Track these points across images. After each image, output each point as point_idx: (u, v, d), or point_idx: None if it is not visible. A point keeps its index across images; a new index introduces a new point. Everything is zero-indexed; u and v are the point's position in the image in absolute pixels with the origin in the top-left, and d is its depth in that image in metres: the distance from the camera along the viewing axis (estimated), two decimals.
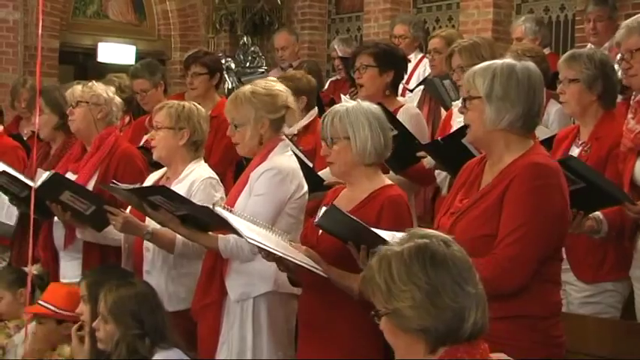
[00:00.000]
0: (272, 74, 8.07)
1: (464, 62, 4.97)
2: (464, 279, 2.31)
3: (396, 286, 2.29)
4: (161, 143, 4.49)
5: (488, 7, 8.84)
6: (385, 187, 3.73)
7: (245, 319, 4.06)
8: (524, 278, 3.14)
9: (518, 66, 3.27)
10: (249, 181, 4.06)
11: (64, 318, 4.42)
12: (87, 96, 4.90)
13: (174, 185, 4.43)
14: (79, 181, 4.77)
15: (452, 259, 2.33)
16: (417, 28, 7.96)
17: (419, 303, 2.27)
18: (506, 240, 3.13)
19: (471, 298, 2.31)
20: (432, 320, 2.27)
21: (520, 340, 3.12)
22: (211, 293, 4.12)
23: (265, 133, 4.11)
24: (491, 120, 3.23)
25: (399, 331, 2.32)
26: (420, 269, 2.29)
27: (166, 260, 4.42)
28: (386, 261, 2.33)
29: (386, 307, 2.31)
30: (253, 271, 4.01)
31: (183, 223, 4.07)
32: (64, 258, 4.91)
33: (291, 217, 4.07)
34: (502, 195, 3.17)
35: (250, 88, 4.17)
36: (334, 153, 3.74)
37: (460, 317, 2.28)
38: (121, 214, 4.30)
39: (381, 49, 5.14)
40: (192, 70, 6.07)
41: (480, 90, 3.24)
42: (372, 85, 5.06)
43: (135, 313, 3.86)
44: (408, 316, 2.28)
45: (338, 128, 3.72)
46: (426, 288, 2.27)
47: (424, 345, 2.31)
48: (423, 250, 2.32)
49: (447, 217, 3.33)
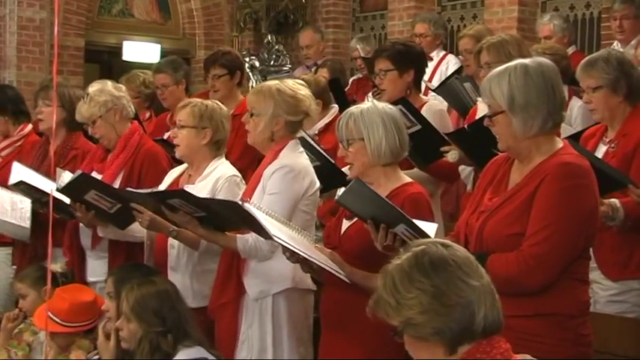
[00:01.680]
0: (296, 73, 8.09)
1: (491, 59, 4.92)
2: (466, 273, 2.33)
3: (401, 296, 2.31)
4: (184, 142, 4.50)
5: (513, 5, 8.79)
6: (405, 185, 3.74)
7: (264, 316, 4.08)
8: (549, 277, 3.14)
9: (530, 66, 3.24)
10: (262, 179, 4.08)
11: (68, 331, 4.45)
12: (96, 111, 4.89)
13: (197, 183, 4.45)
14: (105, 181, 4.78)
15: (451, 258, 2.35)
16: (438, 25, 7.91)
17: (427, 306, 2.29)
18: (534, 238, 3.13)
19: (477, 291, 2.32)
20: (443, 320, 2.29)
21: (549, 338, 3.13)
22: (228, 292, 4.15)
23: (279, 131, 4.13)
24: (520, 131, 3.21)
25: (417, 342, 2.34)
26: (420, 274, 2.31)
27: (191, 257, 4.43)
28: (389, 276, 2.36)
29: (399, 320, 2.33)
30: (271, 269, 4.03)
31: (202, 224, 4.08)
32: (91, 257, 4.95)
33: (306, 214, 4.08)
34: (533, 194, 3.16)
35: (278, 84, 4.19)
36: (351, 155, 3.78)
37: (470, 311, 2.30)
38: (147, 211, 4.31)
39: (397, 51, 5.07)
40: (211, 72, 6.04)
41: (500, 103, 3.22)
42: (394, 88, 5.00)
43: (156, 310, 3.88)
44: (421, 322, 2.30)
45: (353, 130, 3.75)
46: (430, 290, 2.29)
47: (443, 348, 2.32)
48: (420, 256, 2.35)
49: (475, 216, 3.33)
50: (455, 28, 9.65)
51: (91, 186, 4.50)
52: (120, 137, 4.95)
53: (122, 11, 11.16)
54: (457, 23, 9.76)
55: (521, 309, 3.14)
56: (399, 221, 3.32)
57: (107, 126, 4.92)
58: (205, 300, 4.37)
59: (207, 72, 6.10)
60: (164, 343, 3.81)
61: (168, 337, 3.82)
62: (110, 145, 4.99)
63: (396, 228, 3.33)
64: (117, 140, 4.95)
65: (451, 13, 9.86)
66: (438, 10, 9.88)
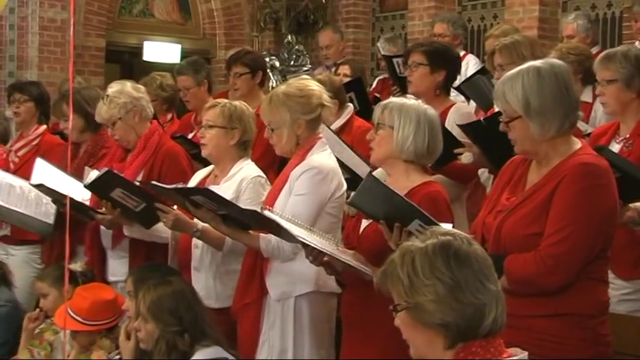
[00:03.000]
0: (316, 73, 8.07)
1: (504, 61, 4.90)
2: (485, 276, 2.33)
3: (419, 279, 2.31)
4: (212, 142, 4.49)
5: (534, 5, 8.76)
6: (424, 184, 3.73)
7: (286, 318, 4.07)
8: (566, 277, 3.13)
9: (543, 68, 3.23)
10: (289, 180, 4.06)
11: (90, 329, 4.46)
12: (115, 113, 4.90)
13: (222, 183, 4.45)
14: None
15: (474, 256, 2.34)
16: (457, 25, 7.88)
17: (442, 297, 2.29)
18: (552, 238, 3.12)
19: (492, 295, 2.32)
20: (454, 315, 2.29)
21: (568, 338, 3.12)
22: (251, 292, 4.13)
23: (302, 133, 4.11)
24: (538, 135, 3.20)
25: (419, 326, 2.34)
26: (443, 264, 2.31)
27: (214, 257, 4.43)
28: (409, 255, 2.34)
29: (407, 301, 2.33)
30: (294, 271, 4.01)
31: (225, 222, 4.09)
32: (112, 257, 4.96)
33: (332, 216, 4.06)
34: (551, 194, 3.15)
35: (283, 89, 4.16)
36: (377, 138, 3.77)
37: (481, 313, 2.30)
38: (171, 211, 4.32)
39: (435, 48, 5.07)
40: (233, 70, 6.05)
41: (516, 108, 3.21)
42: (422, 83, 4.99)
43: (173, 310, 3.88)
44: (430, 311, 2.30)
45: (386, 116, 3.75)
46: (449, 283, 2.29)
47: (443, 340, 2.32)
48: (447, 246, 2.34)
49: (493, 215, 3.32)
50: (475, 28, 9.63)
51: (116, 184, 4.52)
52: (139, 137, 4.96)
53: (143, 11, 11.20)
54: (477, 23, 9.73)
55: (540, 309, 3.13)
56: (414, 217, 3.30)
57: (127, 127, 4.94)
58: (229, 300, 4.36)
59: (229, 70, 6.11)
60: (181, 342, 3.82)
61: (185, 336, 3.83)
62: (129, 146, 5.00)
63: (409, 225, 3.31)
64: (136, 141, 4.96)
65: (471, 13, 9.84)
66: (459, 10, 9.85)
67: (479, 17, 9.81)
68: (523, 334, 3.10)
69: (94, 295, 4.51)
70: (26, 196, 5.21)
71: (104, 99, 4.96)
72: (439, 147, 3.82)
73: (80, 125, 5.34)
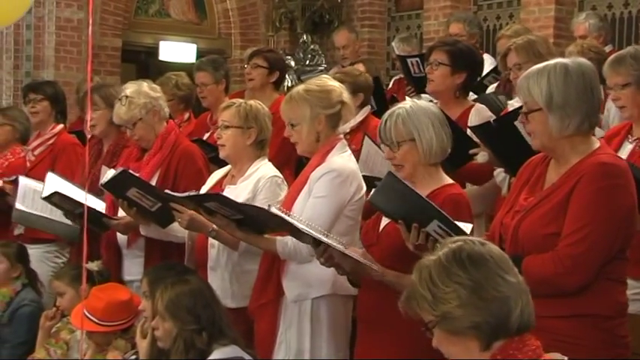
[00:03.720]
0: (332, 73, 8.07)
1: (521, 59, 4.87)
2: (503, 270, 2.36)
3: (439, 289, 2.33)
4: (229, 142, 4.49)
5: (550, 4, 8.74)
6: (446, 186, 3.73)
7: (303, 319, 4.07)
8: (584, 278, 3.12)
9: (570, 65, 3.22)
10: (309, 181, 4.06)
11: (104, 330, 4.47)
12: (136, 114, 4.91)
13: (239, 183, 4.46)
14: None
15: (489, 254, 2.37)
16: (473, 25, 7.86)
17: (466, 300, 2.31)
18: (570, 238, 3.11)
19: (514, 287, 2.34)
20: (481, 314, 2.31)
21: (585, 339, 3.11)
22: (268, 292, 4.14)
23: (322, 129, 4.10)
24: (556, 130, 3.19)
25: (451, 336, 2.36)
26: (459, 269, 2.33)
27: (231, 257, 4.44)
28: (425, 270, 2.38)
29: (434, 314, 2.35)
30: (311, 274, 4.00)
31: (240, 227, 4.08)
32: (127, 256, 4.97)
33: (350, 219, 4.06)
34: (569, 194, 3.14)
35: (303, 86, 4.18)
36: (400, 156, 3.73)
37: (507, 307, 2.32)
38: (186, 211, 4.31)
39: (458, 49, 4.99)
40: (253, 60, 6.11)
41: (538, 101, 3.20)
42: (442, 82, 4.94)
43: (190, 308, 3.88)
44: (458, 316, 2.31)
45: (403, 130, 3.71)
46: (469, 284, 2.31)
47: (478, 343, 2.33)
48: (458, 251, 2.37)
49: (510, 215, 3.31)
50: (491, 28, 9.61)
51: (132, 183, 4.53)
52: (157, 137, 4.98)
53: (159, 11, 11.24)
54: (493, 23, 9.72)
55: (556, 310, 3.12)
56: (433, 217, 3.29)
57: (147, 127, 4.95)
58: (245, 300, 4.37)
59: (250, 60, 6.14)
60: (199, 340, 3.83)
61: (202, 335, 3.84)
62: (148, 146, 5.01)
63: (428, 227, 3.31)
64: (154, 140, 4.98)
65: (487, 13, 9.82)
66: (474, 9, 9.84)
67: (494, 17, 9.79)
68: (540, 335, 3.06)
69: (109, 295, 4.52)
70: None
71: (122, 100, 4.96)
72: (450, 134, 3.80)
73: (108, 118, 5.32)
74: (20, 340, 5.16)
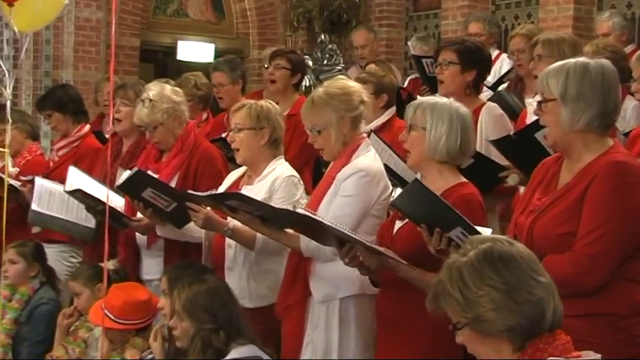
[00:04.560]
0: (350, 72, 8.07)
1: (544, 53, 4.86)
2: (534, 271, 2.33)
3: (471, 292, 2.30)
4: (244, 145, 4.49)
5: (569, 4, 8.68)
6: (458, 186, 3.72)
7: (331, 319, 4.05)
8: (602, 277, 3.11)
9: (591, 64, 3.22)
10: (335, 182, 4.05)
11: (121, 328, 4.48)
12: (158, 118, 4.91)
13: (256, 183, 4.46)
14: None
15: (519, 255, 2.34)
16: (492, 24, 7.86)
17: (500, 303, 2.28)
18: (586, 238, 3.10)
19: (546, 288, 2.33)
20: (516, 317, 2.28)
21: (601, 338, 3.08)
22: (295, 293, 4.13)
23: (347, 132, 4.09)
24: (567, 122, 3.19)
25: (484, 338, 2.33)
26: (491, 271, 2.30)
27: (248, 257, 4.44)
28: (456, 272, 2.34)
29: (466, 316, 2.31)
30: (338, 274, 3.97)
31: (264, 223, 4.09)
32: (146, 256, 4.98)
33: (376, 218, 4.05)
34: (583, 193, 3.13)
35: (324, 90, 4.14)
36: (410, 140, 3.76)
37: (541, 308, 2.30)
38: (202, 210, 4.32)
39: (466, 47, 5.01)
40: (276, 61, 6.09)
41: (553, 92, 3.20)
42: (453, 82, 4.94)
43: (207, 307, 3.90)
44: (492, 319, 2.29)
45: (418, 117, 3.73)
46: (502, 287, 2.28)
47: (510, 345, 2.31)
48: (489, 252, 2.34)
49: (525, 216, 3.30)
50: (509, 27, 9.57)
51: (147, 183, 4.54)
52: (176, 140, 4.97)
53: (177, 11, 11.26)
54: (511, 22, 9.68)
55: (572, 309, 3.09)
56: (456, 224, 3.28)
57: (167, 132, 4.95)
58: (262, 300, 4.39)
59: (271, 61, 6.13)
60: (216, 339, 3.83)
61: (220, 333, 3.84)
62: (167, 148, 5.01)
63: (451, 232, 3.30)
64: (173, 143, 4.97)
65: (505, 12, 9.79)
66: (492, 8, 9.81)
67: (512, 16, 9.75)
68: None
69: (127, 294, 4.54)
70: (67, 202, 5.25)
71: (144, 102, 4.96)
72: (472, 146, 3.80)
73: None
74: (39, 339, 5.19)
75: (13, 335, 5.25)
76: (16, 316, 5.25)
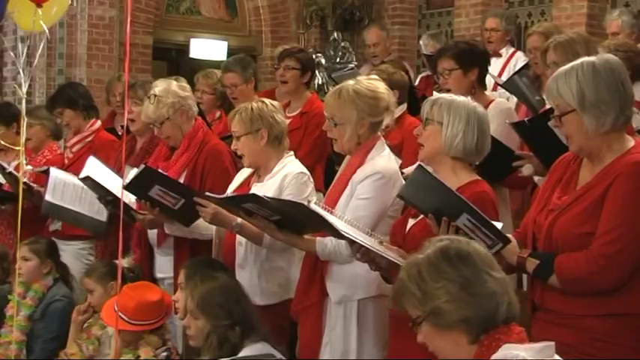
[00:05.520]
0: (362, 70, 8.06)
1: (558, 58, 4.83)
2: (489, 267, 2.45)
3: (429, 286, 2.42)
4: (245, 150, 4.50)
5: (583, 1, 8.64)
6: (471, 183, 3.70)
7: (349, 320, 4.05)
8: (618, 277, 3.10)
9: (598, 62, 3.19)
10: (351, 184, 4.04)
11: (134, 329, 4.47)
12: (164, 113, 4.91)
13: (266, 181, 4.46)
14: None
15: (475, 253, 2.46)
16: (509, 21, 7.88)
17: (455, 295, 2.40)
18: (604, 238, 3.09)
19: (500, 283, 2.44)
20: (471, 309, 2.40)
21: (621, 338, 3.09)
22: (312, 295, 4.12)
23: (364, 133, 4.08)
24: (592, 128, 3.16)
25: (441, 331, 2.44)
26: (448, 266, 2.43)
27: (259, 255, 4.44)
28: (414, 268, 2.46)
29: (423, 310, 2.43)
30: (355, 275, 3.97)
31: (280, 228, 4.07)
32: (159, 254, 4.99)
33: (393, 219, 4.03)
34: (604, 193, 3.12)
35: (355, 87, 4.11)
36: (424, 134, 3.74)
37: (496, 301, 2.41)
38: (210, 205, 4.32)
39: (461, 49, 5.03)
40: (285, 62, 6.08)
41: (570, 102, 3.17)
42: (459, 86, 4.91)
43: (222, 304, 3.91)
44: (448, 311, 2.41)
45: (435, 112, 3.71)
46: (458, 280, 2.41)
47: (466, 337, 2.42)
48: (446, 249, 2.46)
49: (544, 214, 3.29)
50: (522, 25, 9.55)
51: (154, 181, 4.52)
52: (184, 136, 4.97)
53: (189, 9, 11.28)
54: (524, 20, 9.66)
55: (592, 309, 3.10)
56: (462, 210, 3.27)
57: (174, 127, 4.95)
58: (273, 297, 4.40)
59: (281, 61, 6.13)
60: (232, 335, 3.83)
61: (235, 329, 3.85)
62: (176, 144, 5.01)
63: (458, 220, 3.29)
64: (182, 139, 4.97)
65: (518, 10, 9.76)
66: (506, 6, 9.78)
67: (526, 14, 9.73)
68: (575, 334, 3.09)
69: (140, 295, 4.51)
70: (80, 194, 5.27)
71: (150, 98, 4.96)
72: (487, 145, 3.78)
73: None
74: (52, 335, 5.20)
75: (28, 332, 5.27)
76: (30, 313, 5.26)
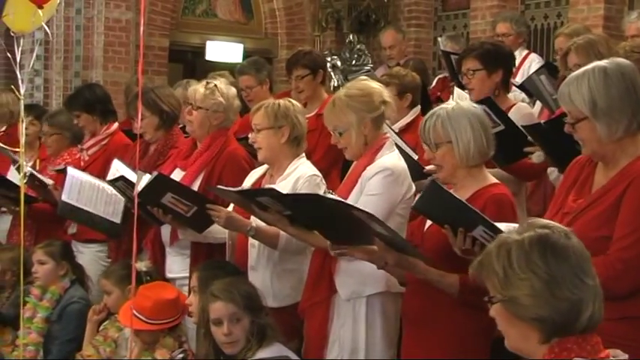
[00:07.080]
0: (378, 72, 8.06)
1: (580, 61, 4.81)
2: (583, 271, 2.28)
3: (514, 273, 2.26)
4: (264, 144, 4.50)
5: (599, 3, 8.62)
6: (489, 186, 3.70)
7: (358, 317, 4.07)
8: (635, 282, 3.09)
9: (609, 67, 3.17)
10: (360, 180, 4.06)
11: (153, 329, 4.49)
12: (208, 103, 4.90)
13: (278, 182, 4.46)
14: (186, 180, 4.83)
15: (572, 250, 2.30)
16: (520, 24, 7.84)
17: (538, 292, 2.24)
18: (622, 242, 3.08)
19: (590, 291, 2.27)
20: (549, 310, 2.24)
21: (637, 341, 3.06)
22: (320, 291, 4.14)
23: (369, 132, 4.11)
24: (605, 135, 3.15)
25: (514, 319, 2.29)
26: (540, 258, 2.25)
27: (271, 257, 4.45)
28: (505, 248, 2.29)
29: (502, 293, 2.28)
30: (364, 271, 3.98)
31: (292, 223, 4.09)
32: (171, 253, 4.99)
33: (401, 217, 4.06)
34: (620, 197, 3.11)
35: (344, 92, 4.17)
36: (439, 157, 3.72)
37: (578, 309, 2.25)
38: (223, 210, 4.33)
39: (486, 50, 5.04)
40: (294, 73, 6.06)
41: (582, 109, 3.15)
42: (482, 87, 4.95)
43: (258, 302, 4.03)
44: (526, 305, 2.25)
45: (440, 132, 3.69)
46: (545, 277, 2.24)
47: (538, 334, 2.28)
48: (544, 239, 2.28)
49: (559, 217, 3.26)
50: (539, 27, 9.53)
51: (167, 188, 4.52)
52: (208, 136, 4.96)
53: (206, 11, 11.30)
54: (541, 22, 9.64)
55: (607, 313, 3.06)
56: (477, 223, 3.28)
57: (204, 122, 4.93)
58: (286, 300, 4.41)
59: (290, 73, 6.12)
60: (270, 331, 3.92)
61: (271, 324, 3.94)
62: (199, 139, 5.01)
63: (474, 231, 3.29)
64: (205, 137, 4.97)
65: (535, 12, 9.74)
66: (522, 8, 9.77)
67: (542, 16, 9.71)
68: None
69: (156, 294, 4.54)
70: (96, 195, 5.28)
71: (209, 84, 4.97)
72: (492, 135, 3.78)
73: (155, 123, 5.40)
74: (69, 337, 5.22)
75: (45, 334, 5.29)
76: (47, 315, 5.29)
